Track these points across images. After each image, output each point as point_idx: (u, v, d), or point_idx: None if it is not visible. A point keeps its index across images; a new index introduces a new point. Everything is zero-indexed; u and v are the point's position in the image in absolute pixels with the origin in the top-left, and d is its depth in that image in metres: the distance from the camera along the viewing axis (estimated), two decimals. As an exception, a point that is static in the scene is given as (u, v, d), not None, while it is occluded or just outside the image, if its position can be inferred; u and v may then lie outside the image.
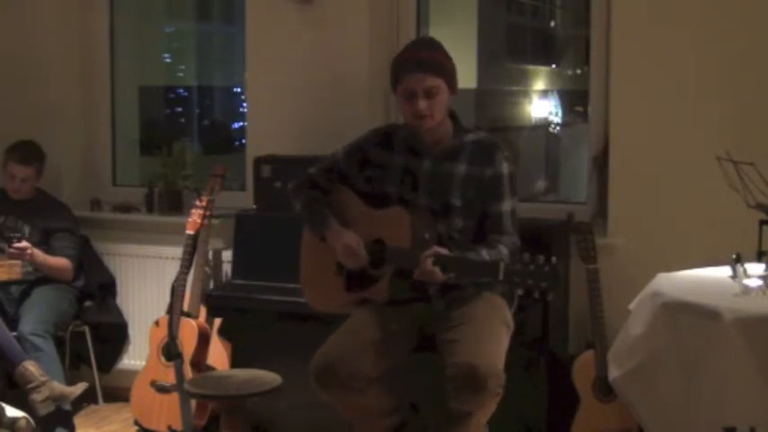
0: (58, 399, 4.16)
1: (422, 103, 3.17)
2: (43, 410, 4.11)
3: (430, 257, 3.02)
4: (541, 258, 2.91)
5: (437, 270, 3.02)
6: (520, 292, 2.94)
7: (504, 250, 3.16)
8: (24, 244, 4.42)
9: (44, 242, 4.59)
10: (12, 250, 4.40)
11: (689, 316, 2.89)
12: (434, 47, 3.28)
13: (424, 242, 3.13)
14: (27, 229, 4.61)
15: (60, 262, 4.56)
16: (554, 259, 2.90)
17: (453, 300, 3.25)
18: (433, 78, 3.18)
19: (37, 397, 4.10)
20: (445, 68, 3.23)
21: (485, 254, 3.11)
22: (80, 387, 4.27)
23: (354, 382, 3.10)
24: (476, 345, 3.06)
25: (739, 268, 3.11)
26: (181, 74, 5.94)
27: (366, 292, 3.28)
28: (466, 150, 3.28)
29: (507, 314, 3.29)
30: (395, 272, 3.20)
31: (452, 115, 3.33)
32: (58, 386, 4.19)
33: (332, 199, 3.41)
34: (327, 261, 3.34)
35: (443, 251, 3.05)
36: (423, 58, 3.21)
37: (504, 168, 3.26)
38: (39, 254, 4.48)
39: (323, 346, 3.17)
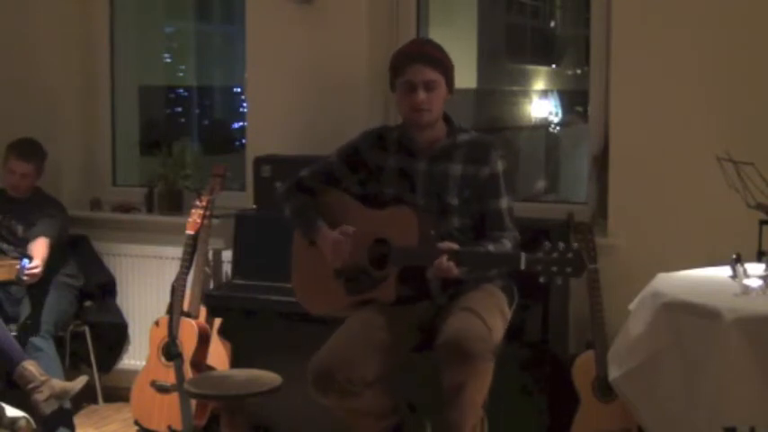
0: (60, 395, 4.16)
1: (421, 95, 3.21)
2: (47, 409, 4.10)
3: (445, 254, 3.03)
4: (561, 245, 2.94)
5: (453, 265, 3.03)
6: (542, 279, 2.95)
7: (507, 244, 3.20)
8: (37, 269, 4.33)
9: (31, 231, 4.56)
10: (26, 278, 4.31)
11: (689, 316, 2.89)
12: (434, 44, 3.35)
13: (431, 240, 3.13)
14: (20, 228, 4.59)
15: (39, 246, 4.41)
16: (576, 245, 2.93)
17: (454, 294, 3.25)
18: (433, 72, 3.23)
19: (39, 397, 4.10)
20: (444, 64, 3.28)
21: (491, 248, 3.15)
22: (81, 381, 4.26)
23: (352, 387, 3.08)
24: (466, 317, 3.07)
25: (739, 268, 3.11)
26: (181, 74, 5.94)
27: (370, 294, 3.26)
28: (461, 150, 3.30)
29: (503, 303, 3.29)
30: (401, 271, 3.20)
31: (445, 117, 3.35)
32: (59, 383, 4.19)
33: (326, 202, 3.41)
34: (323, 264, 3.33)
35: (456, 246, 3.06)
36: (423, 52, 3.27)
37: (500, 167, 3.30)
38: (41, 266, 4.38)
39: (320, 351, 3.14)
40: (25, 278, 4.30)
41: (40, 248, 4.40)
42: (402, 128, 3.37)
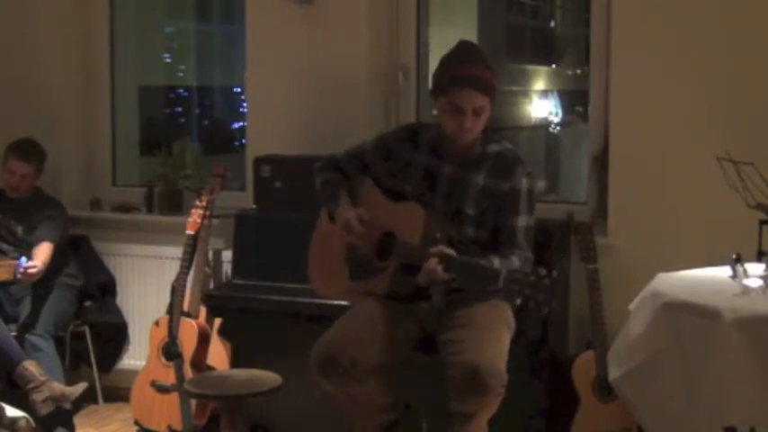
0: (58, 399, 4.16)
1: (468, 122, 3.18)
2: (44, 410, 4.10)
3: (435, 255, 3.03)
4: (543, 270, 2.91)
5: (440, 269, 3.01)
6: (517, 302, 2.96)
7: (516, 262, 3.14)
8: (34, 269, 4.33)
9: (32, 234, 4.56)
10: (23, 277, 4.31)
11: (689, 316, 2.89)
12: (485, 62, 3.23)
13: (434, 241, 3.13)
14: (20, 229, 4.58)
15: (44, 252, 4.42)
16: (555, 273, 2.90)
17: (454, 300, 3.25)
18: (483, 97, 3.18)
19: (37, 397, 4.10)
20: (494, 87, 3.22)
21: (496, 262, 3.10)
22: (80, 387, 4.27)
23: (356, 372, 3.11)
24: (477, 345, 3.06)
25: (739, 268, 3.11)
26: (181, 74, 5.94)
27: (368, 282, 3.28)
28: (488, 161, 3.28)
29: (509, 315, 3.30)
30: (399, 266, 3.21)
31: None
32: (59, 386, 4.19)
33: (352, 187, 3.43)
34: (337, 247, 3.36)
35: (450, 251, 3.04)
36: (477, 77, 3.17)
37: (523, 184, 3.25)
38: (40, 267, 4.38)
39: (324, 335, 3.18)
40: (19, 276, 4.29)
41: (43, 253, 4.41)
42: (438, 129, 3.34)
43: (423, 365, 3.32)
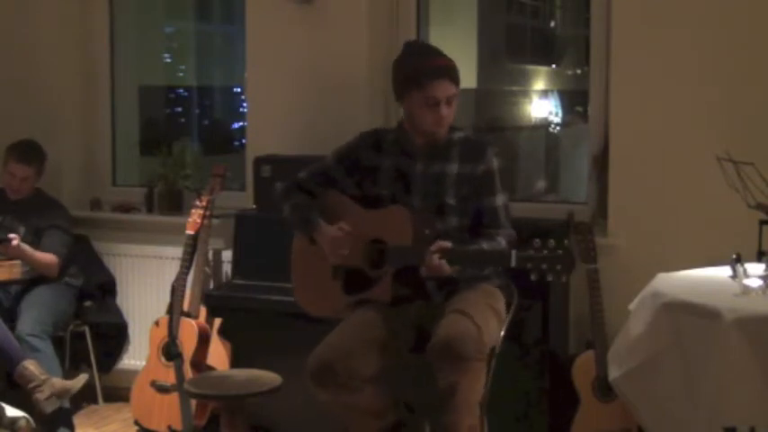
0: (60, 394, 4.16)
1: (444, 111, 3.24)
2: (49, 408, 4.11)
3: (436, 253, 3.05)
4: (552, 242, 2.96)
5: (444, 263, 3.05)
6: (533, 277, 2.97)
7: (502, 242, 3.23)
8: (14, 238, 4.39)
9: (37, 240, 4.57)
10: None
11: (689, 316, 2.89)
12: (444, 54, 3.34)
13: (425, 239, 3.15)
14: (22, 230, 4.56)
15: (46, 257, 4.51)
16: (567, 242, 2.94)
17: (450, 293, 3.27)
18: (454, 87, 3.27)
19: (40, 396, 4.10)
20: (459, 77, 3.30)
21: (485, 246, 3.17)
22: (81, 379, 4.27)
23: (352, 382, 3.10)
24: (455, 318, 3.08)
25: (739, 268, 3.11)
26: (181, 74, 5.94)
27: (367, 294, 3.28)
28: (455, 149, 3.34)
29: (498, 302, 3.31)
30: (397, 271, 3.21)
31: None
32: (59, 381, 4.19)
33: (324, 203, 3.42)
34: (321, 266, 3.35)
35: (448, 245, 3.08)
36: (446, 66, 3.28)
37: (495, 164, 3.33)
38: (26, 248, 4.44)
39: (320, 345, 3.17)
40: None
41: (46, 260, 4.48)
42: (400, 131, 3.39)
43: (423, 366, 3.32)
